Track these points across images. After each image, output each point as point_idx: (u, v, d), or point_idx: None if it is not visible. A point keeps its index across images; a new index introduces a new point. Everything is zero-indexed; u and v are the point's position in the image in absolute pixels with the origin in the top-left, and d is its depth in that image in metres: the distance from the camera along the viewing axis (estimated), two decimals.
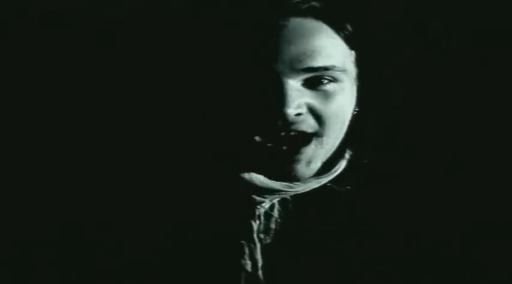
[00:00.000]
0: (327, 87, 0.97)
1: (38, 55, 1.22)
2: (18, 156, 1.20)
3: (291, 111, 0.93)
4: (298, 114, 0.95)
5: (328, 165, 1.02)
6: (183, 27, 1.05)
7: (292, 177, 0.98)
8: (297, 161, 0.97)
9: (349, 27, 0.99)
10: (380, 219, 1.02)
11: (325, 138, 0.99)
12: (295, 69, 0.94)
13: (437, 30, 1.21)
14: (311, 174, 1.00)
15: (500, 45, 1.21)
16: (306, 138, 0.97)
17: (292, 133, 0.96)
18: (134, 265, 1.00)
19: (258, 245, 0.99)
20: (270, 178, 0.98)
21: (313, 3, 0.97)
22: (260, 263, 0.99)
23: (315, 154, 0.98)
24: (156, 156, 1.08)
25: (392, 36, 1.12)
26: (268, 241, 1.00)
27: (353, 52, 1.01)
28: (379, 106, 1.06)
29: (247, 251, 0.99)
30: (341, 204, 1.02)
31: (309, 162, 0.98)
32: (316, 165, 0.99)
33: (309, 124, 0.97)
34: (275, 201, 1.01)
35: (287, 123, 0.94)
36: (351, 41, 1.00)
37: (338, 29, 0.99)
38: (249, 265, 0.99)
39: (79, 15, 1.21)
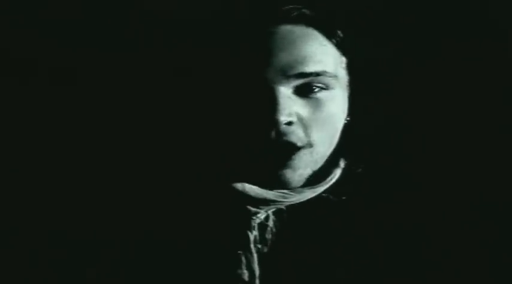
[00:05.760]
0: (318, 95, 0.97)
1: (37, 54, 1.22)
2: (19, 156, 1.20)
3: (283, 118, 0.93)
4: (289, 123, 0.95)
5: (322, 175, 1.02)
6: (172, 35, 1.06)
7: (281, 183, 0.98)
8: (286, 167, 0.97)
9: (340, 34, 1.00)
10: (375, 228, 1.02)
11: (315, 148, 0.98)
12: (287, 75, 0.94)
13: (431, 37, 1.21)
14: (300, 181, 0.99)
15: (495, 48, 1.21)
16: (295, 149, 0.97)
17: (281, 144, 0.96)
18: (131, 275, 0.99)
19: (255, 255, 0.98)
20: (260, 185, 0.98)
21: (304, 10, 0.98)
22: (257, 273, 0.98)
23: (304, 161, 0.98)
24: (152, 166, 1.08)
25: (383, 42, 1.13)
26: (265, 250, 0.99)
27: (344, 58, 1.01)
28: (373, 113, 1.07)
29: (244, 261, 0.98)
30: (336, 213, 1.02)
31: (297, 168, 0.97)
32: (306, 171, 0.99)
33: (298, 137, 0.96)
34: (270, 211, 1.00)
35: (277, 134, 0.94)
36: (342, 48, 1.01)
37: (329, 35, 0.99)
38: (246, 275, 0.98)
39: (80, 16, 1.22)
